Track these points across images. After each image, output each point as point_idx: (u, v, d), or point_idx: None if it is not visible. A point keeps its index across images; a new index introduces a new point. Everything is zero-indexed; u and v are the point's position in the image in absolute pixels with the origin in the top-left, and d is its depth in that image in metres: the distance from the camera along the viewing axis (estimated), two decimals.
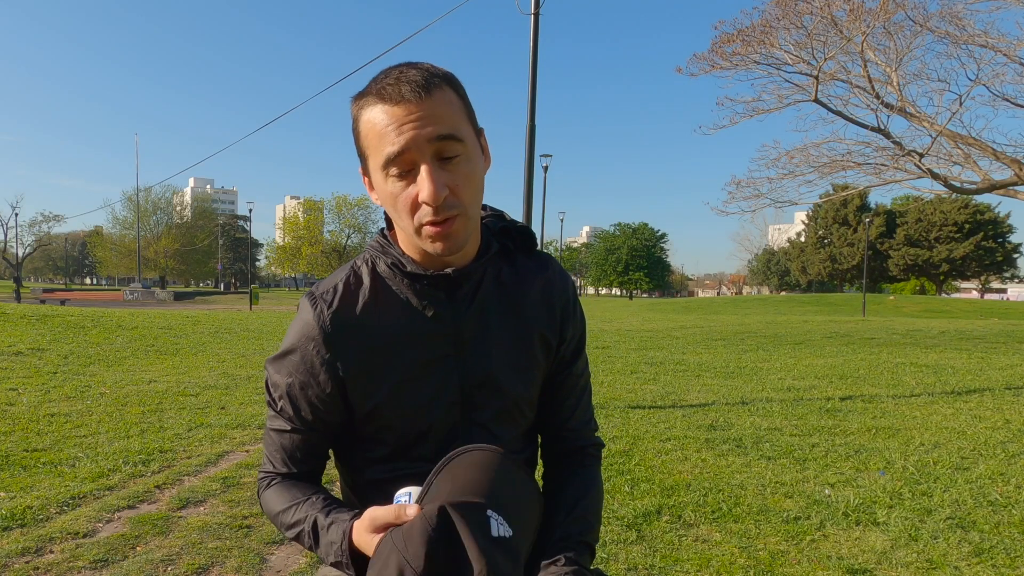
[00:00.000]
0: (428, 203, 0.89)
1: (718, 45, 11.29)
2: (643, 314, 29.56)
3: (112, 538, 3.01)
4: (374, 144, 0.91)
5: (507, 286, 1.06)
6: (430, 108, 0.88)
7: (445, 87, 0.91)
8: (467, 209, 0.92)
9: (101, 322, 13.48)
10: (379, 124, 0.89)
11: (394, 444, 1.03)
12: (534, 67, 7.81)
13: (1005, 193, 10.65)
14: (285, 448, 1.04)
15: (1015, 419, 5.91)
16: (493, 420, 1.05)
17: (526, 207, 7.95)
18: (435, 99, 0.89)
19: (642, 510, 3.42)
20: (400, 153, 0.88)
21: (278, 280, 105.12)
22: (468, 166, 0.92)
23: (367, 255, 1.05)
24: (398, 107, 0.88)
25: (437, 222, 0.90)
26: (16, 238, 59.93)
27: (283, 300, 48.40)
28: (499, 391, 1.04)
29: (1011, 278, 66.77)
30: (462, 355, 1.01)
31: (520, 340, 1.06)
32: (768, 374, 8.84)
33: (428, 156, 0.89)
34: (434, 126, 0.88)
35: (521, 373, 1.06)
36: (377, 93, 0.90)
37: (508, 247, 1.09)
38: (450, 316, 1.00)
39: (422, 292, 1.00)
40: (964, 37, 9.94)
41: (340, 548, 0.92)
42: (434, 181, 0.88)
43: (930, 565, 2.85)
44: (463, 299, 1.01)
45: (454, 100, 0.92)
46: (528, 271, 1.09)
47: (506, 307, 1.05)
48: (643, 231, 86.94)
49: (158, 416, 5.51)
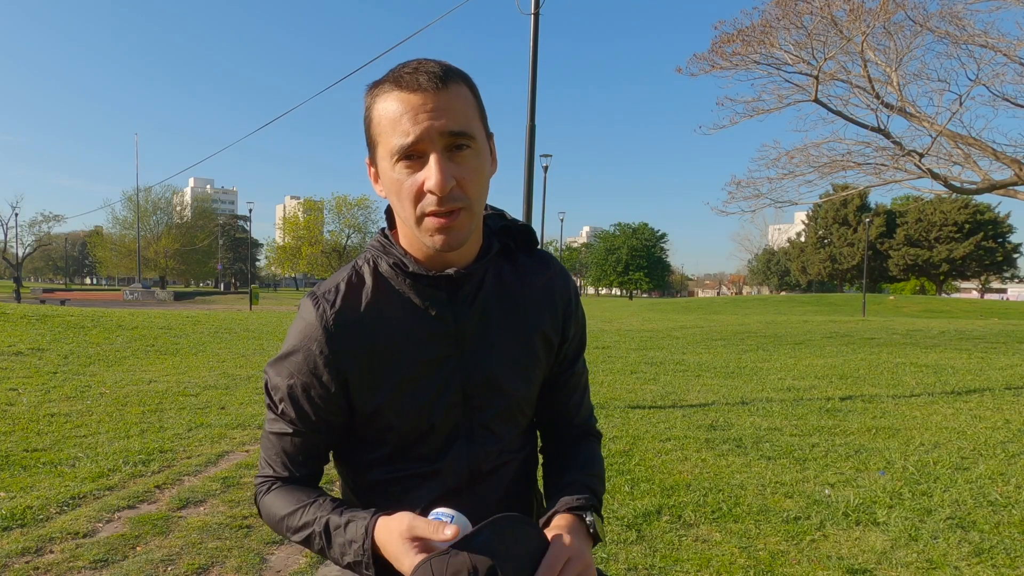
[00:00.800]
0: (434, 192, 0.88)
1: (718, 45, 11.29)
2: (643, 314, 29.56)
3: (112, 538, 3.01)
4: (387, 131, 0.91)
5: (508, 286, 1.06)
6: (446, 100, 0.89)
7: (461, 83, 0.92)
8: (472, 204, 0.92)
9: (101, 322, 13.47)
10: (394, 112, 0.90)
11: (395, 444, 1.02)
12: (534, 67, 7.82)
13: (1005, 193, 10.65)
14: (286, 451, 1.03)
15: (1015, 419, 5.91)
16: (494, 420, 1.05)
17: (526, 207, 7.95)
18: (451, 92, 0.89)
19: (642, 510, 3.42)
20: (413, 142, 0.88)
21: (278, 280, 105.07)
22: (477, 161, 0.92)
23: (368, 255, 1.04)
24: (415, 95, 0.88)
25: (440, 213, 0.90)
26: (16, 238, 60.04)
27: (283, 300, 48.40)
28: (500, 391, 1.04)
29: (1011, 278, 66.80)
30: (464, 355, 1.01)
31: (521, 339, 1.06)
32: (768, 374, 8.84)
33: (439, 147, 0.89)
34: (448, 119, 0.88)
35: (522, 373, 1.06)
36: (394, 80, 0.90)
37: (509, 246, 1.09)
38: (452, 316, 1.00)
39: (424, 292, 1.00)
40: (964, 37, 9.94)
41: (361, 547, 0.90)
42: (442, 171, 0.88)
43: (930, 565, 2.85)
44: (465, 299, 1.01)
45: (469, 97, 0.93)
46: (529, 270, 1.09)
47: (507, 307, 1.05)
48: (643, 231, 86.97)
49: (158, 416, 5.51)
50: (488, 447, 1.05)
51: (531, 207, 8.02)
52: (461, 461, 1.03)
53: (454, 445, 1.03)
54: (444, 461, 1.02)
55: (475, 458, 1.04)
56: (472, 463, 1.04)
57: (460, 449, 1.03)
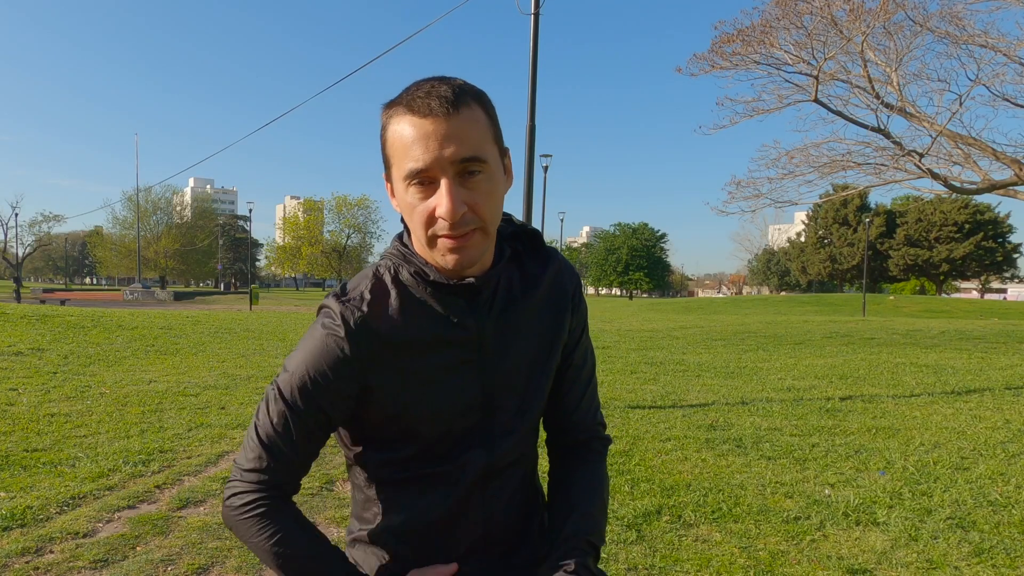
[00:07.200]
0: (445, 219, 0.90)
1: (718, 45, 11.31)
2: (643, 314, 29.56)
3: (112, 538, 3.01)
4: (399, 155, 0.92)
5: (520, 288, 1.08)
6: (457, 126, 0.89)
7: (474, 105, 0.92)
8: (486, 225, 0.94)
9: (101, 322, 13.47)
10: (406, 137, 0.90)
11: (415, 446, 1.03)
12: (534, 67, 7.81)
13: (1005, 193, 10.66)
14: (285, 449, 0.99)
15: (1015, 419, 5.91)
16: (511, 421, 1.07)
17: (526, 207, 7.95)
18: (463, 116, 0.90)
19: (642, 510, 3.43)
20: (423, 168, 0.89)
21: (278, 280, 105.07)
22: (489, 184, 0.93)
23: (388, 262, 1.04)
24: (426, 120, 0.89)
25: (453, 236, 0.91)
26: (16, 238, 59.90)
27: (283, 300, 48.39)
28: (518, 393, 1.07)
29: (1011, 278, 66.78)
30: (484, 360, 1.03)
31: (536, 340, 1.08)
32: (768, 374, 8.84)
33: (450, 174, 0.90)
34: (458, 146, 0.89)
35: (538, 373, 1.09)
36: (407, 104, 0.91)
37: (518, 250, 1.11)
38: (473, 322, 1.02)
39: (444, 300, 1.01)
40: (964, 37, 9.94)
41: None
42: (453, 198, 0.89)
43: (930, 565, 2.85)
44: (483, 305, 1.03)
45: (482, 119, 0.93)
46: (537, 270, 1.11)
47: (521, 309, 1.07)
48: (643, 231, 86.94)
49: (158, 416, 5.51)
50: (504, 448, 1.06)
51: (531, 207, 8.02)
52: (478, 462, 1.04)
53: (472, 447, 1.04)
54: (461, 462, 1.04)
55: (491, 459, 1.05)
56: (488, 464, 1.05)
57: (478, 451, 1.04)
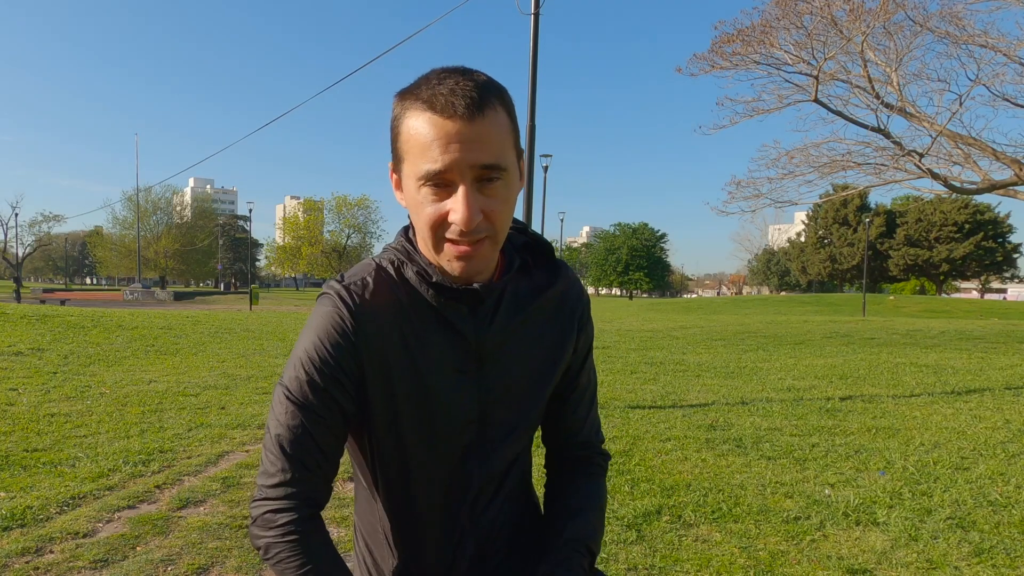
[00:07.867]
0: (460, 227, 0.86)
1: (718, 45, 11.31)
2: (643, 314, 29.56)
3: (112, 538, 3.01)
4: (414, 153, 0.87)
5: (525, 301, 1.04)
6: (479, 130, 0.84)
7: (498, 107, 0.87)
8: (496, 234, 0.90)
9: (101, 322, 13.47)
10: (424, 135, 0.85)
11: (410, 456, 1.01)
12: (534, 67, 7.82)
13: (1005, 193, 10.66)
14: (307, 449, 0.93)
15: (1015, 419, 5.91)
16: (507, 435, 1.05)
17: (526, 207, 7.95)
18: (487, 120, 0.85)
19: (642, 510, 3.42)
20: (441, 171, 0.85)
21: (278, 280, 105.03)
22: (506, 191, 0.89)
23: (391, 256, 1.00)
24: (448, 122, 0.83)
25: (463, 243, 0.88)
26: (16, 238, 59.90)
27: (283, 300, 48.38)
28: (515, 407, 1.04)
29: (1011, 278, 66.77)
30: (483, 372, 1.00)
31: (538, 355, 1.05)
32: (768, 374, 8.84)
33: (468, 179, 0.85)
34: (480, 152, 0.84)
35: (537, 388, 1.06)
36: (428, 101, 0.85)
37: (527, 261, 1.07)
38: (472, 331, 0.98)
39: (446, 304, 0.97)
40: (964, 37, 9.94)
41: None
42: (470, 207, 0.85)
43: (930, 565, 2.85)
44: (485, 314, 0.99)
45: (504, 122, 0.88)
46: (545, 283, 1.07)
47: (525, 322, 1.03)
48: (643, 231, 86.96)
49: (158, 416, 5.51)
50: (499, 461, 1.05)
51: (531, 207, 8.02)
52: (473, 474, 1.03)
53: (467, 459, 1.02)
54: (457, 473, 1.02)
55: (486, 471, 1.04)
56: (482, 476, 1.04)
57: (473, 463, 1.02)
